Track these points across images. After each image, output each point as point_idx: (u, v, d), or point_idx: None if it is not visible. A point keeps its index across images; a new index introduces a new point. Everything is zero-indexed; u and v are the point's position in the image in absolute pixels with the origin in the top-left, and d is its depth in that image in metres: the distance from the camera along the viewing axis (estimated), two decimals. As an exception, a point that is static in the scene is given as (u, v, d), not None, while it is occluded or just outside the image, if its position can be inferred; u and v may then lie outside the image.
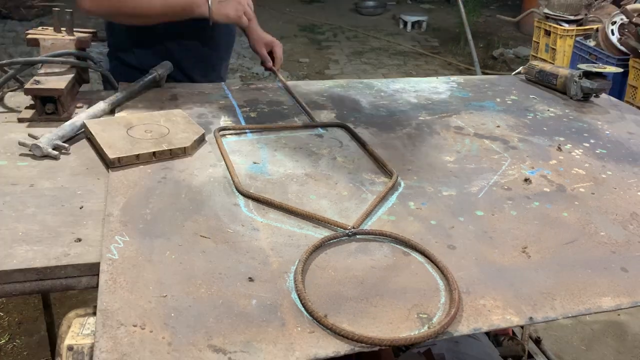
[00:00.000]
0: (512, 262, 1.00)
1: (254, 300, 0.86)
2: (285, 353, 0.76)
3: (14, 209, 1.06)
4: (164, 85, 1.74)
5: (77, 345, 0.81)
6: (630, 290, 0.95)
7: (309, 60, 6.38)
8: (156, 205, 1.09)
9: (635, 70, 4.14)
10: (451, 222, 1.11)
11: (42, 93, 1.44)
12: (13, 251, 0.93)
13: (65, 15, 1.64)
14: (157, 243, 0.97)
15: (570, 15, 5.23)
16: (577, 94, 1.83)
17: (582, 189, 1.27)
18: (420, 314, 0.85)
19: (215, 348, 0.76)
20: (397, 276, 0.94)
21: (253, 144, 1.40)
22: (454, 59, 6.99)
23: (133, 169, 1.22)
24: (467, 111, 1.71)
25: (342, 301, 0.87)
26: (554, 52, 5.34)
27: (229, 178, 1.21)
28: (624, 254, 1.05)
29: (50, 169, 1.22)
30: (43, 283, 0.92)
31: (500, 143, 1.49)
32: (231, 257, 0.96)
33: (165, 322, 0.80)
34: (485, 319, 0.86)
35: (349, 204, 1.15)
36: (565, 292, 0.93)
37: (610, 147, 1.51)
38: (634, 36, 4.04)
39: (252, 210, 1.10)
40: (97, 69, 1.63)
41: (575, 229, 1.12)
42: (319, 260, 0.97)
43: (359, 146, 1.42)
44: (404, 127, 1.56)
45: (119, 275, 0.88)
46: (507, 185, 1.27)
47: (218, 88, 1.79)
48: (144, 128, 1.36)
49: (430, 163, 1.36)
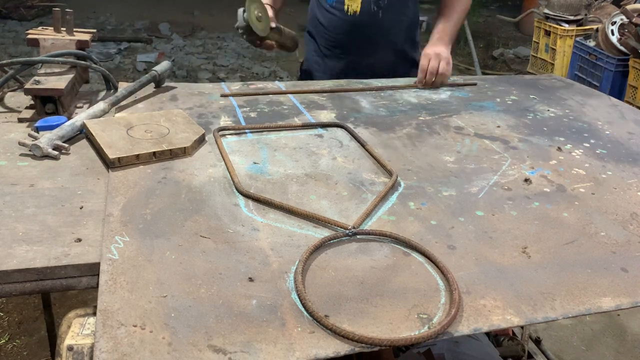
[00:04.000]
0: (512, 262, 1.00)
1: (254, 301, 0.86)
2: (285, 353, 0.76)
3: (14, 209, 1.06)
4: (164, 85, 1.74)
5: (77, 345, 0.81)
6: (630, 290, 0.95)
7: (309, 61, 6.38)
8: (156, 206, 1.09)
9: (635, 70, 4.14)
10: (451, 222, 1.11)
11: (42, 93, 1.44)
12: (13, 251, 0.93)
13: (65, 15, 1.64)
14: (157, 243, 0.97)
15: (570, 15, 5.23)
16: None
17: (582, 189, 1.27)
18: (420, 314, 0.85)
19: (215, 348, 0.76)
20: (397, 276, 0.94)
21: (253, 144, 1.40)
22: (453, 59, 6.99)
23: (133, 169, 1.22)
24: (467, 111, 1.71)
25: (342, 301, 0.87)
26: (554, 52, 5.34)
27: (229, 178, 1.21)
28: (624, 254, 1.05)
29: (50, 169, 1.22)
30: (43, 283, 0.92)
31: (500, 143, 1.49)
32: (231, 257, 0.96)
33: (166, 322, 0.80)
34: (486, 319, 0.86)
35: (349, 204, 1.15)
36: (565, 292, 0.93)
37: (610, 147, 1.51)
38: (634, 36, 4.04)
39: (252, 210, 1.10)
40: (97, 69, 1.63)
41: (575, 229, 1.12)
42: (319, 260, 0.97)
43: (358, 146, 1.42)
44: (404, 127, 1.56)
45: (119, 276, 0.88)
46: (507, 186, 1.27)
47: (218, 88, 1.79)
48: (144, 128, 1.36)
49: (430, 163, 1.36)
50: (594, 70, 4.52)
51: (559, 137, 1.56)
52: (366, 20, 1.96)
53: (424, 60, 1.88)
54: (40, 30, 1.66)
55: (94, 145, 1.32)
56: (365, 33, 1.97)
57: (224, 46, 6.57)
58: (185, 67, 5.71)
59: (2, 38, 6.35)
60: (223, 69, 5.83)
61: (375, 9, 1.95)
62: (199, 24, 7.45)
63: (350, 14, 1.96)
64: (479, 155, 1.41)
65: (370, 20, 1.96)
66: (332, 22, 2.01)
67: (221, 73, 5.71)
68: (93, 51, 5.70)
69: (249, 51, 6.42)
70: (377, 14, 1.96)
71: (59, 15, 1.66)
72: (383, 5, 1.95)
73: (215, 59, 6.08)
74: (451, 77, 2.07)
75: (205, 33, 7.09)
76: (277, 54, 1.80)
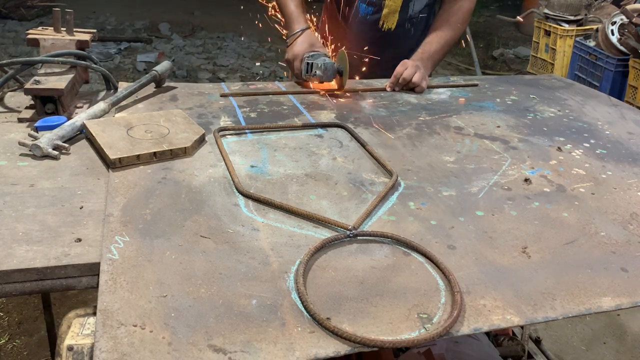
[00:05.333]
0: (512, 262, 1.00)
1: (254, 300, 0.86)
2: (285, 353, 0.76)
3: (14, 209, 1.06)
4: (164, 85, 1.74)
5: (77, 345, 0.81)
6: (630, 290, 0.95)
7: (309, 61, 6.38)
8: (156, 206, 1.09)
9: (635, 70, 4.14)
10: (451, 222, 1.11)
11: (42, 93, 1.44)
12: (13, 251, 0.93)
13: (65, 15, 1.64)
14: (157, 243, 0.97)
15: (570, 15, 5.22)
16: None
17: (582, 189, 1.27)
18: (420, 314, 0.85)
19: (215, 348, 0.76)
20: (397, 276, 0.94)
21: (253, 144, 1.40)
22: (453, 59, 6.98)
23: (133, 170, 1.22)
24: (467, 111, 1.71)
25: (342, 301, 0.87)
26: (554, 52, 5.34)
27: (229, 178, 1.21)
28: (624, 254, 1.05)
29: (50, 169, 1.22)
30: (43, 283, 0.92)
31: (500, 143, 1.49)
32: (231, 257, 0.96)
33: (166, 322, 0.80)
34: (486, 319, 0.86)
35: (349, 204, 1.15)
36: (565, 292, 0.93)
37: (610, 147, 1.51)
38: (634, 36, 4.04)
39: (252, 210, 1.10)
40: (97, 69, 1.63)
41: (575, 229, 1.12)
42: (319, 260, 0.97)
43: (358, 146, 1.42)
44: (404, 127, 1.56)
45: (119, 275, 0.88)
46: (507, 186, 1.27)
47: (218, 88, 1.79)
48: (144, 128, 1.36)
49: (430, 163, 1.35)
50: (594, 70, 4.52)
51: (559, 137, 1.56)
52: (398, 35, 2.00)
53: (401, 67, 1.86)
54: (40, 30, 1.66)
55: (93, 145, 1.32)
56: (395, 46, 1.99)
57: (224, 46, 6.57)
58: (185, 67, 5.71)
59: (2, 38, 6.35)
60: (223, 69, 5.83)
61: (409, 26, 1.99)
62: (199, 24, 7.45)
63: (385, 30, 1.99)
64: (479, 155, 1.41)
65: (402, 35, 2.00)
66: (361, 33, 2.02)
67: (221, 73, 5.71)
68: (93, 51, 5.70)
69: (249, 51, 6.42)
70: (409, 31, 2.01)
71: (59, 15, 1.66)
72: (416, 22, 1.99)
73: (215, 59, 6.08)
74: (451, 78, 2.07)
75: (205, 33, 7.09)
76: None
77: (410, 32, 2.01)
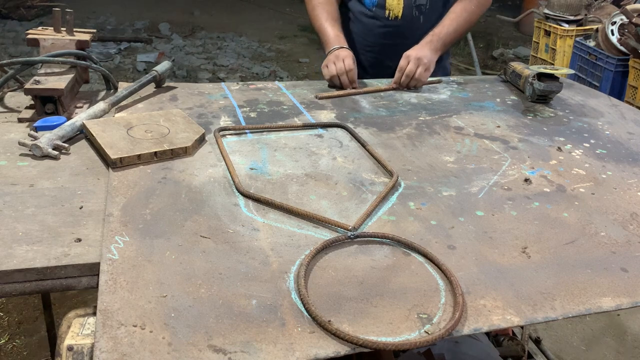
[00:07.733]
0: (512, 262, 1.00)
1: (254, 300, 0.86)
2: (285, 353, 0.76)
3: (14, 209, 1.06)
4: (164, 85, 1.74)
5: (77, 345, 0.81)
6: (630, 290, 0.95)
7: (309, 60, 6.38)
8: (156, 206, 1.09)
9: (635, 70, 4.14)
10: (451, 222, 1.11)
11: (42, 93, 1.44)
12: (13, 251, 0.93)
13: (65, 15, 1.64)
14: (157, 243, 0.97)
15: (570, 15, 5.22)
16: (531, 95, 1.81)
17: (582, 189, 1.27)
18: (420, 314, 0.85)
19: (215, 348, 0.76)
20: (397, 276, 0.94)
21: (253, 144, 1.40)
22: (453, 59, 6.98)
23: (133, 169, 1.22)
24: (467, 111, 1.71)
25: (342, 301, 0.87)
26: (554, 52, 5.34)
27: (229, 178, 1.21)
28: (624, 254, 1.05)
29: (50, 169, 1.22)
30: (43, 283, 0.92)
31: (500, 143, 1.49)
32: (231, 257, 0.96)
33: (165, 322, 0.80)
34: (486, 319, 0.86)
35: (349, 204, 1.15)
36: (565, 292, 0.93)
37: (610, 147, 1.51)
38: (634, 36, 4.04)
39: (252, 210, 1.10)
40: (97, 69, 1.63)
41: (575, 229, 1.12)
42: (319, 260, 0.96)
43: (358, 146, 1.42)
44: (404, 127, 1.56)
45: (119, 276, 0.88)
46: (507, 186, 1.27)
47: (218, 88, 1.79)
48: (144, 128, 1.36)
49: (430, 163, 1.35)
50: (594, 70, 4.51)
51: (559, 137, 1.56)
52: (407, 25, 1.97)
53: (404, 61, 1.85)
54: (40, 30, 1.66)
55: (93, 145, 1.32)
56: (405, 38, 1.96)
57: (223, 46, 6.57)
58: (185, 67, 5.71)
59: (2, 38, 6.35)
60: (223, 69, 5.83)
61: (417, 13, 1.97)
62: (199, 24, 7.45)
63: (392, 19, 1.97)
64: (479, 155, 1.41)
65: (411, 25, 1.97)
66: (369, 28, 2.01)
67: (221, 73, 5.71)
68: (93, 51, 5.70)
69: (249, 51, 6.42)
70: (418, 19, 1.98)
71: (59, 15, 1.66)
72: (425, 10, 1.96)
73: (215, 59, 6.08)
74: (451, 77, 2.07)
75: (205, 33, 7.09)
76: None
77: (419, 22, 1.97)
